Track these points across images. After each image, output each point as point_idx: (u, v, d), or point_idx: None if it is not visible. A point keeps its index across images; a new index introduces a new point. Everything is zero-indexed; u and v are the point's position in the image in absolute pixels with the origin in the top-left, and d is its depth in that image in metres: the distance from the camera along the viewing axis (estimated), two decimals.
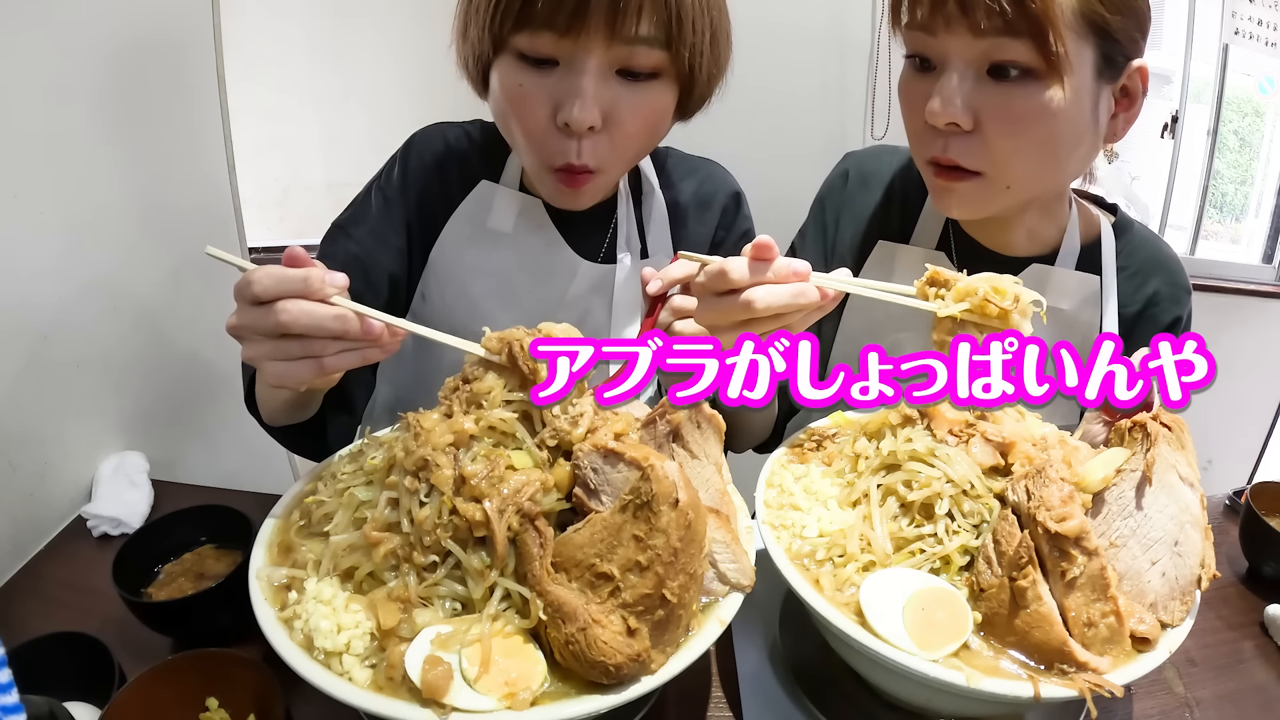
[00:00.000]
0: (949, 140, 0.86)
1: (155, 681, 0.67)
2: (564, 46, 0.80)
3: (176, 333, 1.35)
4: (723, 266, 0.73)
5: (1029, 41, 0.78)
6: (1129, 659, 0.63)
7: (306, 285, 0.64)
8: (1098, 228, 1.03)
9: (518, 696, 0.55)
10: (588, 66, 0.81)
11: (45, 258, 1.07)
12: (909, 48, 0.90)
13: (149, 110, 1.25)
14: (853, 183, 1.12)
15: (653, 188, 1.07)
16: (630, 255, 1.05)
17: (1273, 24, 2.31)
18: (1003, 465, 0.71)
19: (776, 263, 0.73)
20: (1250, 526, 1.01)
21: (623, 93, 0.84)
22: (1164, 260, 1.05)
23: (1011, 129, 0.83)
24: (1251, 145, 2.55)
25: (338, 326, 0.64)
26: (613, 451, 0.62)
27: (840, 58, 2.28)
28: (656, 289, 0.87)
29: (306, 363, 0.66)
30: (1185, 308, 1.04)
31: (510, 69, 0.84)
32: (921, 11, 0.84)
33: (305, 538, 0.69)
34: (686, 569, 0.58)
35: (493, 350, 0.69)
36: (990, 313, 0.75)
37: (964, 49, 0.82)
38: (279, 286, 0.64)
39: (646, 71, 0.84)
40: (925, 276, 0.79)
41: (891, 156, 1.12)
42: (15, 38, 1.00)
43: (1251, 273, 2.57)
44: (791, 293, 0.72)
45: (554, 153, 0.86)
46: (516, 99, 0.85)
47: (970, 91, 0.83)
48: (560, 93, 0.82)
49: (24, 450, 1.04)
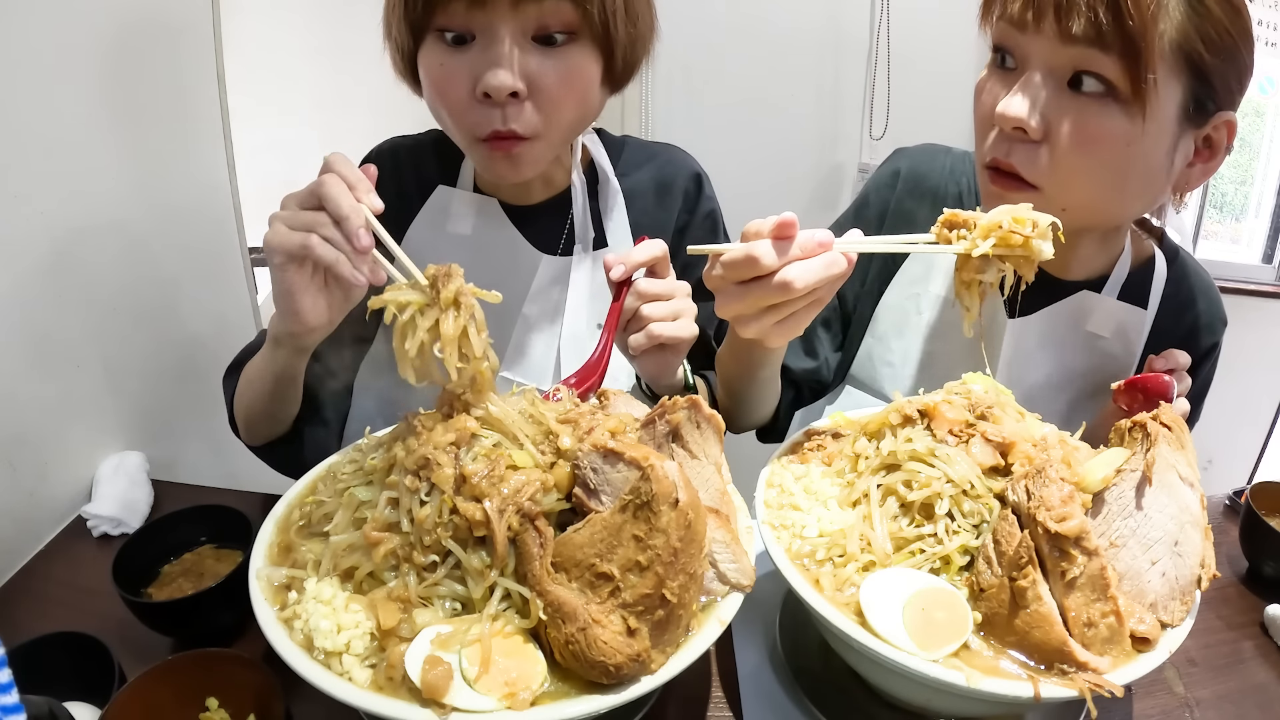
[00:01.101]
0: (1013, 145, 0.84)
1: (155, 681, 0.67)
2: (476, 18, 0.83)
3: (176, 333, 1.35)
4: (749, 253, 0.70)
5: (1118, 59, 0.76)
6: (1129, 659, 0.63)
7: (355, 183, 0.70)
8: (1147, 253, 1.03)
9: (518, 696, 0.55)
10: (501, 34, 0.83)
11: (45, 257, 1.07)
12: (994, 40, 0.87)
13: (149, 110, 1.25)
14: (902, 186, 1.10)
15: (607, 176, 1.08)
16: (584, 246, 1.06)
17: (1273, 24, 2.31)
18: (1003, 465, 0.71)
19: (800, 236, 0.71)
20: (1250, 526, 1.01)
21: (541, 59, 0.85)
22: (1205, 289, 1.05)
23: (1081, 147, 0.81)
24: (1251, 145, 2.55)
25: (345, 205, 0.68)
26: (613, 451, 0.62)
27: (837, 59, 2.29)
28: (620, 274, 0.86)
29: (304, 234, 0.69)
30: (1220, 336, 1.05)
31: (431, 53, 0.87)
32: (1014, 5, 0.81)
33: (305, 538, 0.69)
34: (686, 569, 0.58)
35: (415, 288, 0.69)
36: (1015, 243, 0.75)
37: (1050, 52, 0.79)
38: (349, 172, 0.71)
39: (561, 32, 0.85)
40: (942, 220, 0.78)
41: (945, 158, 1.10)
42: (14, 38, 1.00)
43: (1251, 273, 2.57)
44: (824, 264, 0.71)
45: (479, 122, 0.87)
46: (439, 79, 0.87)
47: (1046, 98, 0.80)
48: (479, 65, 0.84)
49: (24, 450, 1.04)
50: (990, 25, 0.87)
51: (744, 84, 2.29)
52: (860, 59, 2.29)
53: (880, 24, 2.22)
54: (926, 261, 1.06)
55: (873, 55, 2.27)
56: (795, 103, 2.35)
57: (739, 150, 2.28)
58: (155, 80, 1.27)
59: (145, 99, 1.24)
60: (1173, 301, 1.02)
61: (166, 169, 1.31)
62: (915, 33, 2.21)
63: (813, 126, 2.38)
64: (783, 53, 2.28)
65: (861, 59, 2.29)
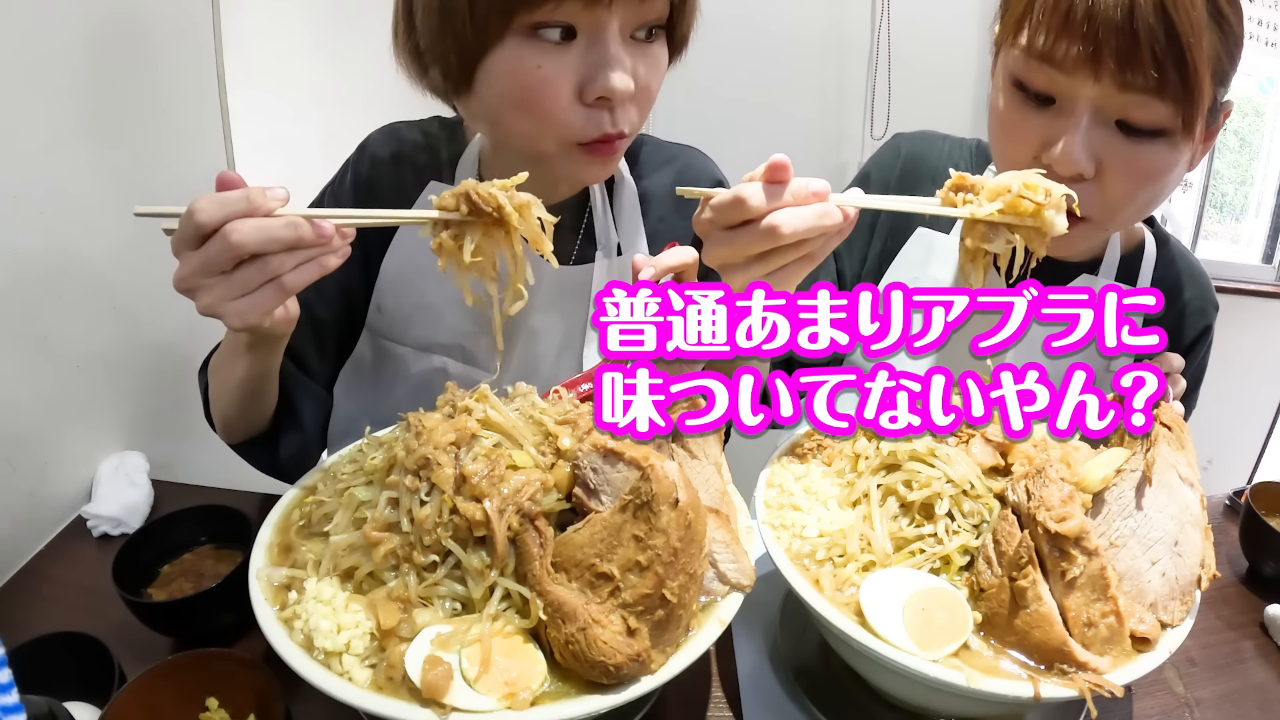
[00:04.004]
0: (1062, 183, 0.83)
1: (155, 681, 0.67)
2: (584, 15, 0.76)
3: (176, 333, 1.35)
4: (737, 194, 0.66)
5: (1173, 105, 0.74)
6: (1129, 659, 0.63)
7: (250, 202, 0.61)
8: (1138, 237, 1.03)
9: (518, 696, 0.55)
10: (612, 31, 0.77)
11: (45, 257, 1.07)
12: (1024, 75, 0.81)
13: (149, 110, 1.25)
14: (901, 168, 1.09)
15: (624, 178, 1.02)
16: (606, 253, 1.00)
17: (1273, 24, 2.30)
18: (1003, 465, 0.71)
19: (793, 183, 0.66)
20: (1250, 526, 1.01)
21: (641, 56, 0.81)
22: (1195, 274, 1.05)
23: (1133, 183, 0.80)
24: (1251, 145, 2.54)
25: (292, 235, 0.62)
26: (612, 451, 0.62)
27: (839, 59, 2.29)
28: (649, 276, 0.83)
29: (267, 288, 0.63)
30: (1212, 320, 1.05)
31: (521, 52, 0.77)
32: (1065, 47, 0.76)
33: (305, 538, 0.69)
34: (686, 569, 0.58)
35: (449, 208, 0.67)
36: (1024, 210, 0.70)
37: (1104, 99, 0.77)
38: (223, 209, 0.60)
39: (652, 27, 0.81)
40: (949, 183, 0.73)
41: (943, 144, 1.10)
42: (14, 38, 1.00)
43: (1251, 273, 2.57)
44: (816, 214, 0.66)
45: (585, 128, 0.81)
46: (536, 82, 0.78)
47: (1098, 141, 0.79)
48: (589, 66, 0.78)
49: (24, 450, 1.04)
50: (1013, 52, 0.82)
51: (746, 85, 2.29)
52: (861, 60, 2.29)
53: (881, 25, 2.23)
54: (927, 245, 1.06)
55: (873, 56, 2.27)
56: (797, 103, 2.35)
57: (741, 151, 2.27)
58: (156, 80, 1.27)
59: (145, 98, 1.24)
60: (1161, 285, 1.01)
61: (167, 169, 1.31)
62: (915, 33, 2.22)
63: (815, 127, 2.38)
64: (784, 54, 2.29)
65: (862, 60, 2.29)
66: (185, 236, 0.62)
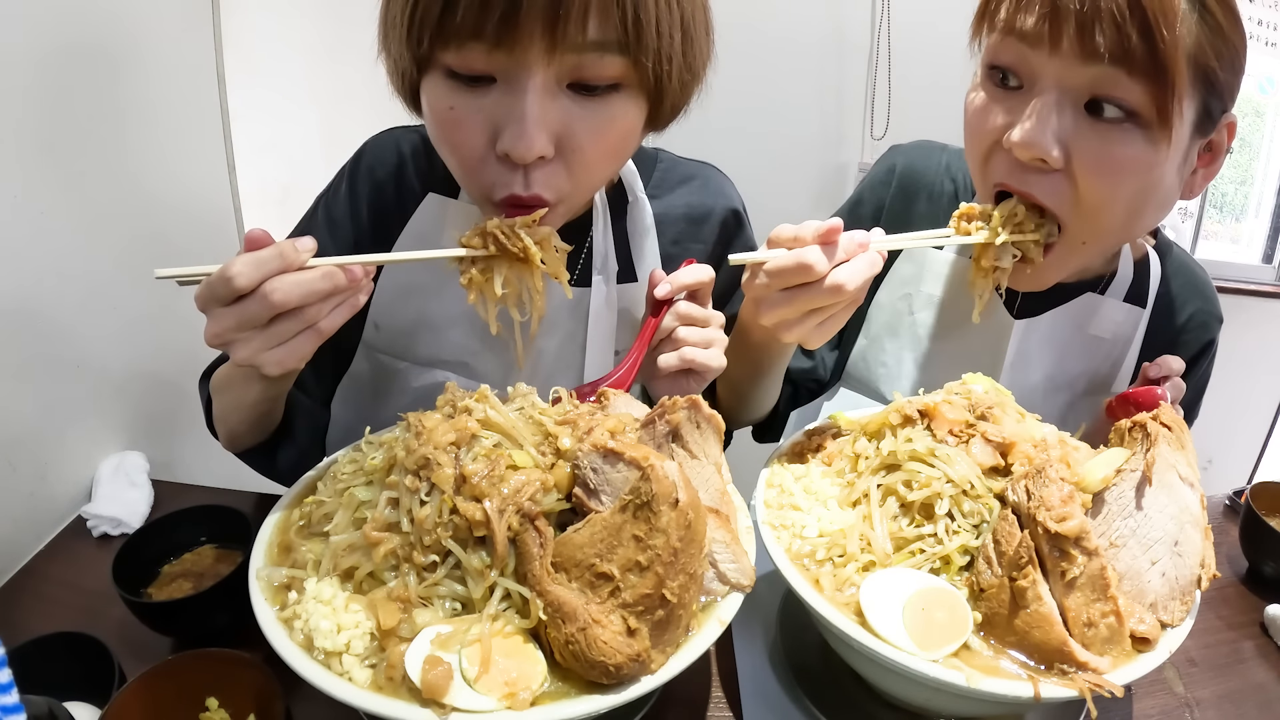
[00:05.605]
0: (1028, 174, 0.79)
1: (155, 681, 0.67)
2: (498, 60, 0.67)
3: (176, 333, 1.35)
4: (801, 260, 0.70)
5: (1143, 82, 0.71)
6: (1129, 659, 0.63)
7: (284, 260, 0.62)
8: (1141, 251, 1.02)
9: (518, 696, 0.55)
10: (529, 84, 0.67)
11: (45, 257, 1.07)
12: (994, 56, 0.80)
13: (149, 110, 1.25)
14: (896, 185, 1.08)
15: (637, 197, 0.96)
16: (605, 278, 0.93)
17: (1273, 24, 2.31)
18: (1003, 465, 0.71)
19: (842, 240, 0.71)
20: (1250, 526, 1.01)
21: (576, 111, 0.70)
22: (1200, 286, 1.04)
23: (1105, 176, 0.76)
24: (1251, 145, 2.55)
25: (328, 286, 0.63)
26: (613, 451, 0.62)
27: (839, 61, 2.29)
28: (665, 293, 0.83)
29: (304, 336, 0.65)
30: (1216, 334, 1.04)
31: (439, 89, 0.71)
32: (1028, 18, 0.74)
33: (305, 538, 0.69)
34: (686, 569, 0.58)
35: (476, 247, 0.69)
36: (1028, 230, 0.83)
37: (1067, 73, 0.74)
38: (259, 269, 0.61)
39: (604, 84, 0.70)
40: (958, 213, 0.83)
41: (940, 155, 1.08)
42: (14, 38, 1.00)
43: (1251, 273, 2.58)
44: (868, 264, 0.72)
45: (495, 184, 0.73)
46: (448, 124, 0.72)
47: (1065, 124, 0.75)
48: (500, 117, 0.69)
49: (24, 450, 1.04)
50: (984, 38, 0.81)
51: (746, 85, 2.29)
52: (861, 60, 2.30)
53: (881, 25, 2.23)
54: (918, 261, 1.06)
55: (873, 56, 2.28)
56: (798, 104, 2.35)
57: (742, 151, 2.28)
58: (155, 80, 1.27)
59: (146, 99, 1.24)
60: (1165, 299, 1.02)
61: (166, 169, 1.31)
62: (915, 33, 2.22)
63: (815, 127, 2.39)
64: (785, 54, 2.29)
65: (863, 60, 2.29)
66: (217, 296, 0.62)
